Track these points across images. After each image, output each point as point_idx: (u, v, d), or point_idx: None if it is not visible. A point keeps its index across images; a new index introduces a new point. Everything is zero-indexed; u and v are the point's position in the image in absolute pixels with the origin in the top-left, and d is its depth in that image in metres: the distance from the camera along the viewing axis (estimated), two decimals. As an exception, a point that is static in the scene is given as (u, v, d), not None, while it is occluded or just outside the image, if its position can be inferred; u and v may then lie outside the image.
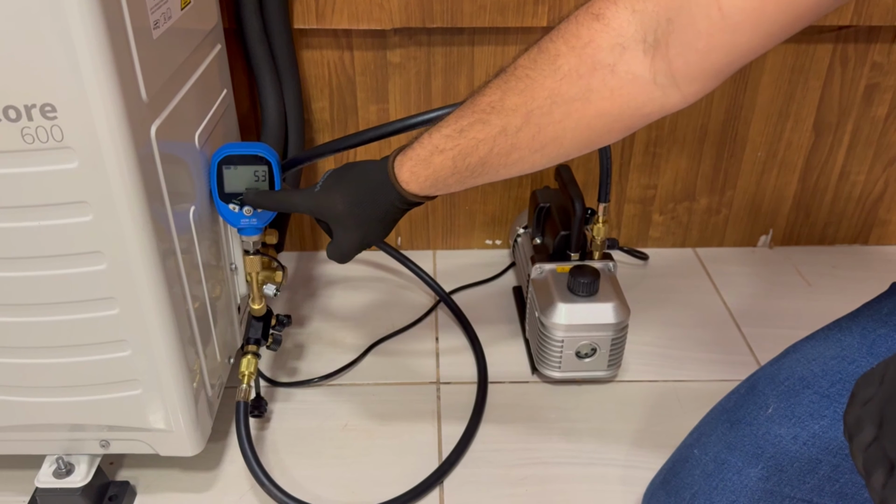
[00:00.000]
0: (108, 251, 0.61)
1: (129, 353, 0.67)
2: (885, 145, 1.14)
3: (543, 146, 0.61)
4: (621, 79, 0.55)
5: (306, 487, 0.81)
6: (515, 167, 0.64)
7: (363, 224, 0.71)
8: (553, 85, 0.58)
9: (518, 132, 0.61)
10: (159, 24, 0.63)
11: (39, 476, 0.75)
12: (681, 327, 1.05)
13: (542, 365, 0.94)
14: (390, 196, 0.69)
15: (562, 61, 0.57)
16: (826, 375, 0.66)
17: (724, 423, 0.68)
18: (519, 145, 0.62)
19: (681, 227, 1.22)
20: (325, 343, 1.03)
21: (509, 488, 0.82)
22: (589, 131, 0.60)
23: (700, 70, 0.53)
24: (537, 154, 0.62)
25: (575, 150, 0.62)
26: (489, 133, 0.62)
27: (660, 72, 0.54)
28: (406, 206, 0.70)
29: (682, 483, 0.68)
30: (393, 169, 0.68)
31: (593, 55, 0.56)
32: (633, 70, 0.55)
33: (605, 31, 0.55)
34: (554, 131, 0.60)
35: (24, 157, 0.56)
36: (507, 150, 0.62)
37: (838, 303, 0.76)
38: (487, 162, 0.64)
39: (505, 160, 0.63)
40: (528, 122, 0.60)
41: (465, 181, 0.66)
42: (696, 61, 0.53)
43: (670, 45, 0.53)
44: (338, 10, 0.98)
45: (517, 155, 0.63)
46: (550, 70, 0.58)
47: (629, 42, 0.54)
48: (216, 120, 0.79)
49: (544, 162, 0.64)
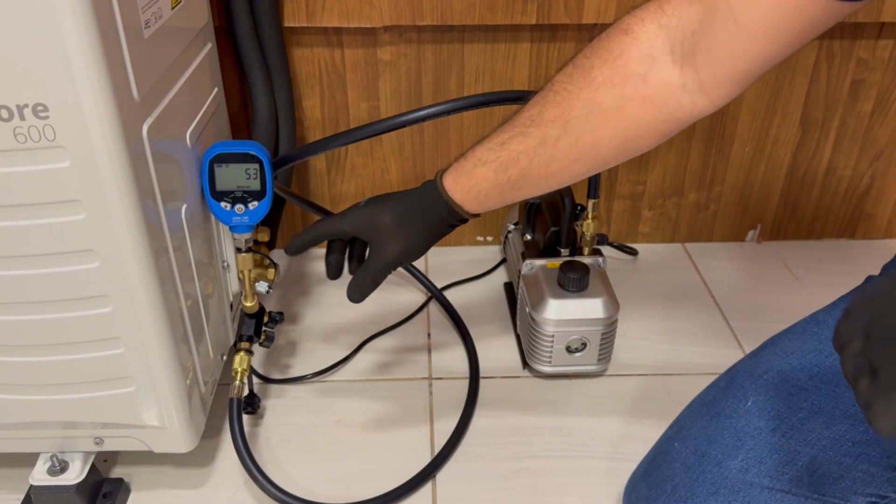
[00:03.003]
0: (100, 249, 0.62)
1: (122, 351, 0.67)
2: (870, 140, 1.15)
3: (582, 154, 0.64)
4: (652, 87, 0.59)
5: (300, 483, 0.82)
6: (555, 178, 0.66)
7: (409, 236, 0.72)
8: (589, 95, 0.61)
9: (557, 142, 0.64)
10: (150, 24, 0.63)
11: (34, 474, 0.75)
12: (670, 321, 1.06)
13: (532, 360, 0.94)
14: (436, 206, 0.70)
15: (596, 73, 0.61)
16: (803, 369, 0.67)
17: (703, 416, 0.69)
18: (558, 155, 0.64)
19: (670, 222, 1.23)
20: (317, 340, 1.03)
21: (501, 481, 0.82)
22: (625, 137, 0.63)
23: (724, 77, 0.58)
24: (576, 163, 0.65)
25: (612, 158, 0.65)
26: (529, 145, 0.65)
27: (688, 79, 0.59)
28: (451, 217, 0.71)
29: (662, 475, 0.69)
30: (440, 180, 0.70)
31: (625, 66, 0.60)
32: (663, 78, 0.59)
33: (635, 43, 0.60)
34: (592, 139, 0.63)
35: (16, 156, 0.56)
36: (546, 160, 0.65)
37: (825, 296, 0.77)
38: (528, 174, 0.66)
39: (545, 171, 0.65)
40: (567, 132, 0.63)
41: (506, 194, 0.68)
42: (719, 69, 0.58)
43: (696, 55, 0.58)
44: (328, 9, 0.98)
45: (557, 165, 0.65)
46: (586, 82, 0.62)
47: (658, 53, 0.59)
48: (207, 118, 0.79)
49: (583, 171, 0.66)
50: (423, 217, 0.71)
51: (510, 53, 1.05)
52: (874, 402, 0.43)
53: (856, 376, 0.45)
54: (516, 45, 1.05)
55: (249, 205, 0.75)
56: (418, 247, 0.73)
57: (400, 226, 0.71)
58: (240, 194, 0.75)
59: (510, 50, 1.05)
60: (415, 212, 0.71)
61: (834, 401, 0.65)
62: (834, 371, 0.66)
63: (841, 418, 0.64)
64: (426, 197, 0.71)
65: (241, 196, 0.75)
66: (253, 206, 0.76)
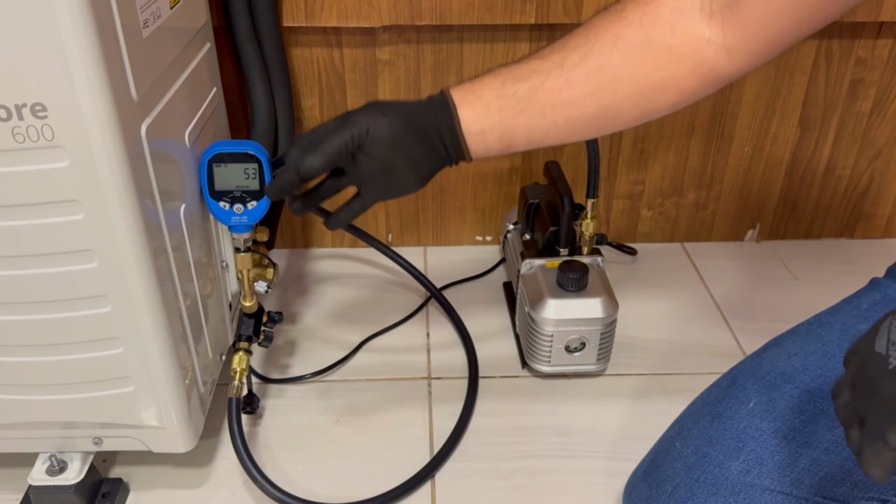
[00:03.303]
0: (99, 249, 0.62)
1: (121, 351, 0.67)
2: (869, 139, 1.15)
3: (597, 89, 0.63)
4: (679, 37, 0.61)
5: (299, 482, 0.82)
6: (562, 112, 0.63)
7: (405, 151, 0.66)
8: (617, 29, 0.62)
9: (575, 68, 0.62)
10: (149, 23, 0.63)
11: (32, 474, 0.75)
12: (669, 321, 1.06)
13: (531, 359, 0.94)
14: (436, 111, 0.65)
15: (627, 12, 0.62)
16: (806, 370, 0.67)
17: (705, 417, 0.69)
18: (573, 82, 0.62)
19: (669, 221, 1.23)
20: (316, 339, 1.03)
21: (500, 481, 0.82)
22: (645, 84, 0.63)
23: (746, 41, 0.60)
24: (589, 100, 0.63)
25: (627, 105, 0.64)
26: (545, 66, 0.63)
27: (714, 34, 0.60)
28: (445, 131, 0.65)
29: (663, 475, 0.69)
30: (446, 89, 0.67)
31: (656, 10, 0.61)
32: (690, 31, 0.61)
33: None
34: (611, 74, 0.62)
35: (14, 156, 0.56)
36: (559, 85, 0.63)
37: (824, 296, 0.77)
38: (536, 95, 0.63)
39: (555, 97, 0.63)
40: (587, 60, 0.62)
41: (506, 115, 0.64)
42: (742, 32, 0.59)
43: (723, 14, 0.59)
44: (327, 8, 0.98)
45: (568, 94, 0.63)
46: (616, 18, 0.63)
47: (687, 7, 0.61)
48: (206, 118, 0.79)
49: (594, 112, 0.64)
50: (423, 131, 0.66)
51: (509, 53, 1.05)
52: (863, 450, 0.46)
53: (846, 424, 0.48)
54: (515, 45, 1.05)
55: (248, 204, 0.75)
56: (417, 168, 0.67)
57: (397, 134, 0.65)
58: (238, 194, 0.75)
59: (509, 49, 1.05)
60: (416, 123, 0.66)
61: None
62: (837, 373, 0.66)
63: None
64: (429, 105, 0.66)
65: (240, 196, 0.75)
66: (252, 206, 0.76)
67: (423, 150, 0.66)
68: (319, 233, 1.21)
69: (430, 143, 0.66)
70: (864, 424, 0.46)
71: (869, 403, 0.46)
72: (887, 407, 0.45)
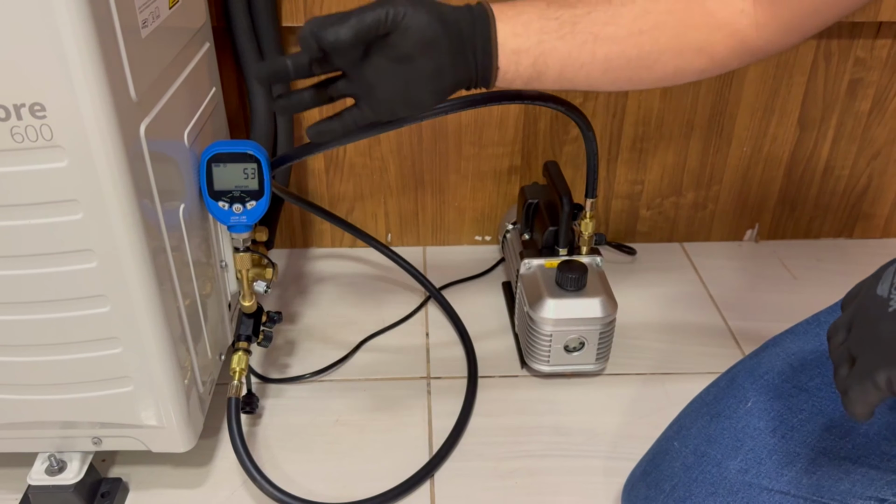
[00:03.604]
0: (98, 249, 0.62)
1: (120, 351, 0.67)
2: (868, 139, 1.15)
3: (642, 31, 0.61)
4: (717, 2, 0.61)
5: (298, 482, 0.82)
6: (603, 46, 0.61)
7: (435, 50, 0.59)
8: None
9: (622, 6, 0.61)
10: (148, 23, 0.63)
11: (32, 473, 0.75)
12: (668, 321, 1.06)
13: (531, 359, 0.94)
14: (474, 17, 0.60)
15: None
16: (805, 369, 0.67)
17: (704, 416, 0.69)
18: (619, 19, 0.61)
19: (668, 221, 1.23)
20: (315, 339, 1.03)
21: (499, 481, 0.83)
22: (684, 41, 0.62)
23: (772, 16, 0.61)
24: (631, 40, 0.61)
25: (665, 56, 0.63)
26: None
27: (747, 6, 0.61)
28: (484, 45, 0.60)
29: (662, 475, 0.69)
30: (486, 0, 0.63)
31: None
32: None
33: None
34: (655, 20, 0.62)
35: (13, 156, 0.56)
36: (605, 19, 0.61)
37: (823, 295, 0.77)
38: (580, 23, 0.60)
39: (599, 30, 0.61)
40: (634, 2, 0.61)
41: (546, 34, 0.60)
42: (770, 8, 0.60)
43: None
44: (326, 8, 0.98)
45: (612, 30, 0.61)
46: None
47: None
48: (205, 118, 0.79)
49: (633, 53, 0.62)
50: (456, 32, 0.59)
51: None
52: (850, 388, 0.47)
53: (837, 364, 0.49)
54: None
55: (247, 204, 0.75)
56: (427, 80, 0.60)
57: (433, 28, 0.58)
58: (238, 194, 0.75)
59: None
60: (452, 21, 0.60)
61: (835, 403, 0.65)
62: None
63: (841, 422, 0.64)
64: (461, 9, 0.61)
65: (239, 196, 0.75)
66: (251, 206, 0.76)
67: (452, 55, 0.60)
68: (319, 233, 1.21)
69: (462, 49, 0.60)
70: (854, 363, 0.47)
71: (863, 343, 0.47)
72: (882, 347, 0.46)
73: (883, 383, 0.45)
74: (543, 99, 0.82)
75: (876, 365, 0.45)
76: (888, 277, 0.49)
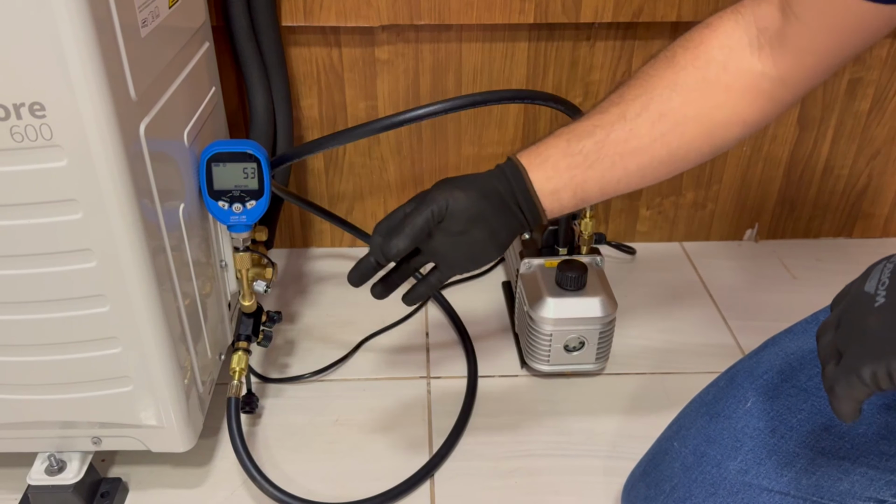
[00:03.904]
0: (97, 249, 0.61)
1: (119, 350, 0.67)
2: (868, 139, 1.15)
3: (664, 134, 0.63)
4: (732, 74, 0.62)
5: (298, 482, 0.82)
6: (633, 160, 0.64)
7: (483, 221, 0.66)
8: (672, 76, 0.63)
9: (637, 117, 0.63)
10: (147, 23, 0.63)
11: (31, 473, 0.75)
12: (668, 320, 1.06)
13: (531, 359, 0.94)
14: (508, 177, 0.66)
15: (678, 58, 0.63)
16: (804, 369, 0.67)
17: (703, 416, 0.69)
18: (638, 131, 0.63)
19: (667, 221, 1.23)
20: (315, 339, 1.03)
21: (499, 480, 0.82)
22: (710, 123, 0.63)
23: (798, 70, 0.60)
24: (658, 144, 0.63)
25: (696, 143, 0.64)
26: (607, 119, 0.64)
27: (767, 67, 0.61)
28: (525, 197, 0.66)
29: (661, 475, 0.69)
30: (512, 155, 0.68)
31: (706, 52, 0.62)
32: (742, 67, 0.61)
33: (714, 34, 0.63)
34: (675, 117, 0.63)
35: (12, 155, 0.56)
36: (625, 136, 0.63)
37: (823, 295, 0.76)
38: (603, 149, 0.64)
39: (623, 147, 0.63)
40: (648, 108, 0.63)
41: (576, 172, 0.65)
42: (792, 62, 0.60)
43: (772, 48, 0.60)
44: (325, 8, 0.98)
45: (636, 143, 0.63)
46: (668, 65, 0.64)
47: (736, 44, 0.62)
48: (205, 118, 0.79)
49: (663, 154, 0.64)
50: (495, 197, 0.66)
51: (508, 52, 1.05)
52: (836, 384, 0.47)
53: (824, 361, 0.49)
54: (514, 45, 1.05)
55: (247, 204, 0.75)
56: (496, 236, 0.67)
57: (476, 206, 0.66)
58: (237, 193, 0.75)
59: (508, 49, 1.05)
60: (491, 191, 0.66)
61: None
62: None
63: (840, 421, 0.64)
64: (497, 173, 0.67)
65: (239, 195, 0.75)
66: (251, 206, 0.76)
67: (500, 217, 0.67)
68: (318, 232, 1.21)
69: (507, 209, 0.67)
70: (840, 360, 0.47)
71: (849, 339, 0.47)
72: (868, 342, 0.46)
73: (868, 378, 0.45)
74: (543, 98, 0.82)
75: (861, 360, 0.45)
76: (876, 275, 0.49)
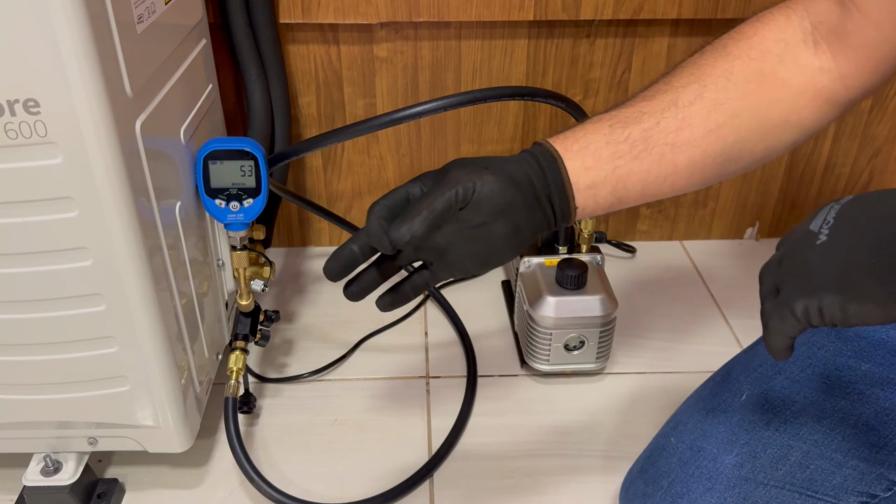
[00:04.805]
0: (93, 247, 0.61)
1: (116, 350, 0.67)
2: (869, 137, 1.15)
3: (720, 125, 0.57)
4: (790, 69, 0.58)
5: (296, 482, 0.81)
6: (683, 152, 0.57)
7: (511, 212, 0.56)
8: (726, 65, 0.58)
9: (690, 105, 0.57)
10: (143, 19, 0.63)
11: (27, 474, 0.74)
12: (668, 319, 1.06)
13: (530, 358, 0.94)
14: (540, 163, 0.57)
15: (731, 47, 0.59)
16: (797, 361, 0.67)
17: (700, 411, 0.69)
18: (691, 120, 0.57)
19: (668, 220, 1.22)
20: (313, 338, 1.03)
21: (498, 480, 0.82)
22: (767, 119, 0.59)
23: (859, 65, 0.58)
24: (711, 136, 0.57)
25: (752, 141, 0.59)
26: (656, 106, 0.57)
27: (825, 63, 0.58)
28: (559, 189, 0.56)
29: (659, 471, 0.69)
30: (543, 140, 0.59)
31: (761, 43, 0.59)
32: (799, 62, 0.58)
33: (767, 27, 0.59)
34: (731, 109, 0.57)
35: (7, 152, 0.56)
36: (676, 125, 0.57)
37: (823, 293, 0.76)
38: (652, 137, 0.56)
39: (673, 137, 0.56)
40: (702, 97, 0.57)
41: (619, 163, 0.56)
42: (854, 57, 0.57)
43: (829, 44, 0.58)
44: (324, 5, 0.98)
45: (688, 133, 0.57)
46: (721, 53, 0.59)
47: (791, 39, 0.58)
48: (202, 115, 0.79)
49: (717, 149, 0.58)
50: (525, 186, 0.56)
51: (507, 50, 1.05)
52: (769, 319, 0.47)
53: (763, 299, 0.49)
54: (513, 42, 1.04)
55: (244, 202, 0.75)
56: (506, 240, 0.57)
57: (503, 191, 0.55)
58: (235, 191, 0.74)
59: (507, 46, 1.04)
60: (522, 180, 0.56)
61: (825, 395, 0.65)
62: (827, 364, 0.66)
63: (832, 412, 0.64)
64: (529, 158, 0.57)
65: (236, 193, 0.75)
66: (248, 204, 0.75)
67: (528, 212, 0.57)
68: (317, 231, 1.21)
69: (537, 201, 0.57)
70: (778, 293, 0.47)
71: (788, 275, 0.47)
72: (803, 277, 0.45)
73: (800, 312, 0.44)
74: (543, 95, 0.82)
75: (795, 295, 0.45)
76: (822, 214, 0.49)
